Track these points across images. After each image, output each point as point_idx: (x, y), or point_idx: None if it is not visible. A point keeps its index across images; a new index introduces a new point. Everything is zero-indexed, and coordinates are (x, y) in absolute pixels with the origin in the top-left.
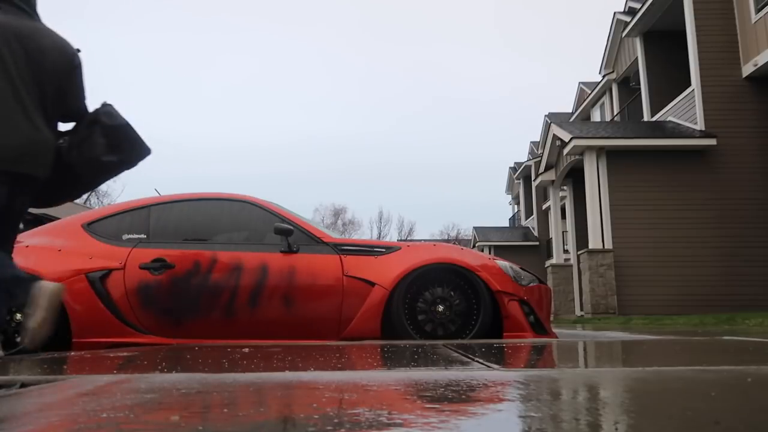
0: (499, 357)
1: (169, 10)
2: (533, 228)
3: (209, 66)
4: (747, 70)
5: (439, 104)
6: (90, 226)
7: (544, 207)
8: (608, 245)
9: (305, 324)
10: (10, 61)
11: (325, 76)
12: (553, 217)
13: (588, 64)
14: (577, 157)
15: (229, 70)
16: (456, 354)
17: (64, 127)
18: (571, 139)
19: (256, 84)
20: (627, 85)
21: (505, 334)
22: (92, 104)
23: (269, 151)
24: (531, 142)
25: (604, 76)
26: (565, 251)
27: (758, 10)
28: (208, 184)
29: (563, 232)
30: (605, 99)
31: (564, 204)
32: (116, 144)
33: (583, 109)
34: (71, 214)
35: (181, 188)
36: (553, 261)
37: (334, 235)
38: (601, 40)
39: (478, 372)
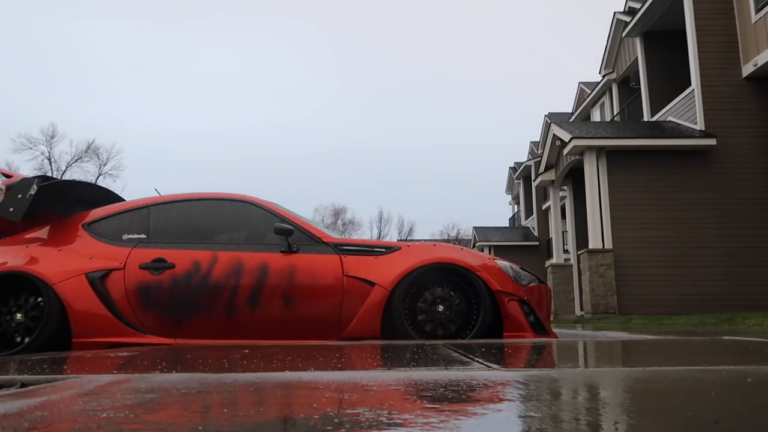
0: (499, 357)
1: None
2: (533, 228)
3: (194, 58)
4: (747, 70)
5: (438, 104)
6: (90, 226)
7: (544, 207)
8: (608, 245)
9: (305, 324)
10: None
11: (325, 74)
12: (553, 217)
13: (588, 64)
14: (577, 157)
15: (216, 63)
16: (456, 354)
17: None
18: (571, 139)
19: (247, 78)
20: (627, 85)
21: (505, 334)
22: None
23: (269, 149)
24: (531, 142)
25: (604, 76)
26: (565, 251)
27: (758, 10)
28: (208, 185)
29: (563, 232)
30: (605, 99)
31: (564, 204)
32: None
33: (583, 109)
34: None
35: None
36: (553, 261)
37: (334, 235)
38: (601, 39)
39: (478, 372)
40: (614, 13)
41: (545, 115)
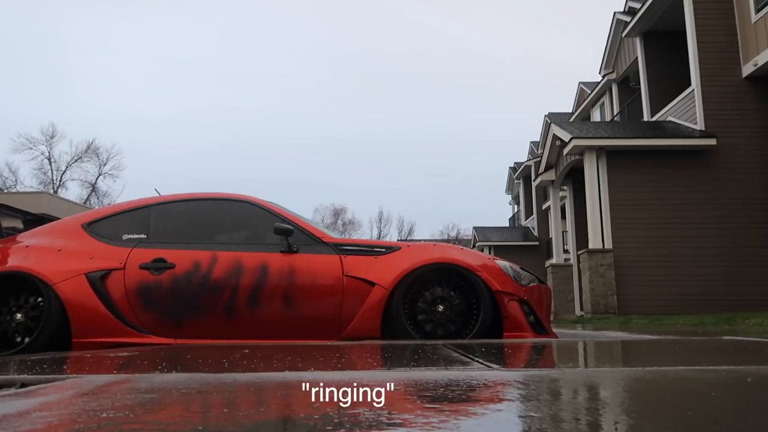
0: (499, 357)
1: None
2: (533, 228)
3: (184, 49)
4: (747, 70)
5: (438, 104)
6: (90, 226)
7: (544, 207)
8: (608, 245)
9: (305, 324)
10: None
11: (324, 72)
12: (553, 217)
13: (588, 64)
14: (577, 157)
15: (209, 54)
16: (456, 354)
17: None
18: (571, 139)
19: (245, 72)
20: (627, 85)
21: (505, 334)
22: None
23: (269, 148)
24: (531, 142)
25: (604, 76)
26: (565, 251)
27: (758, 10)
28: (209, 187)
29: (563, 232)
30: (605, 99)
31: (564, 204)
32: None
33: (583, 109)
34: (71, 214)
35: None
36: (553, 261)
37: (334, 235)
38: (601, 39)
39: (478, 372)
40: (614, 13)
41: (545, 115)
